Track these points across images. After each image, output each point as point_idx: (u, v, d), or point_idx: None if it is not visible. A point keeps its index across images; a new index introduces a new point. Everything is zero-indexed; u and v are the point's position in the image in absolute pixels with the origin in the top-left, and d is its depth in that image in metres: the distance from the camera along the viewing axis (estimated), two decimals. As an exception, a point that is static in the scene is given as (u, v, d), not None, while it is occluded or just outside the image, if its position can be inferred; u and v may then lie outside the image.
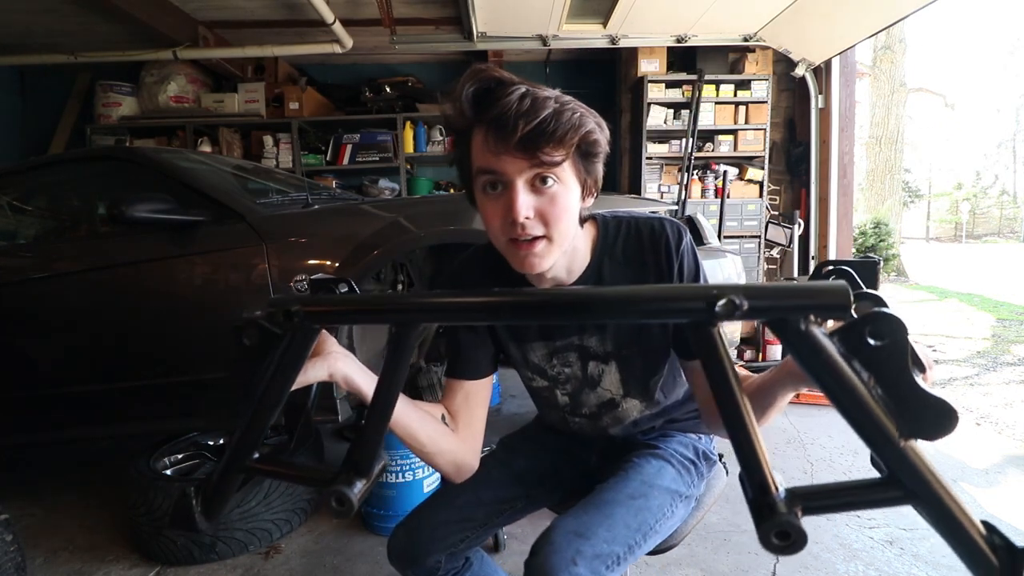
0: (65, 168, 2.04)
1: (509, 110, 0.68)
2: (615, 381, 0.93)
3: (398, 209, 1.71)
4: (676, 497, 0.93)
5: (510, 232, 0.72)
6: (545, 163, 0.69)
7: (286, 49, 3.53)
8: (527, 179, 0.71)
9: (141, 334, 1.74)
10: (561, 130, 0.68)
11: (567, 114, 0.69)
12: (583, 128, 0.71)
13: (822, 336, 0.37)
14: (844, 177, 3.54)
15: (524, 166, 0.70)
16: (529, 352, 0.93)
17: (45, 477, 2.40)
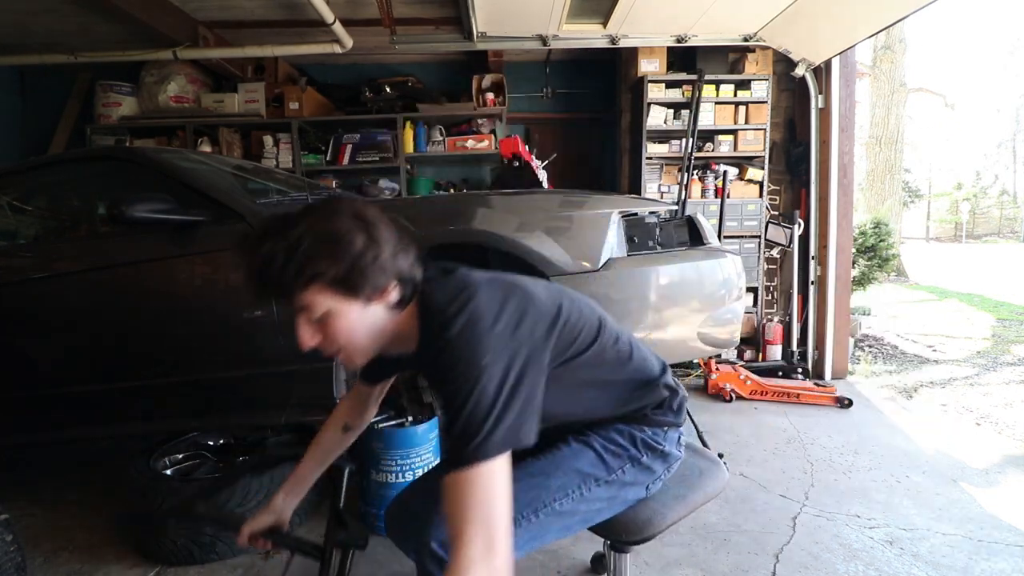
0: (65, 168, 2.04)
1: (250, 271, 0.78)
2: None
3: (398, 209, 1.71)
4: (588, 479, 0.96)
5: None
6: (299, 306, 0.79)
7: (286, 49, 3.52)
8: (301, 316, 0.80)
9: (141, 334, 1.74)
10: (285, 282, 0.76)
11: (290, 267, 0.75)
12: (313, 273, 0.76)
13: None
14: (844, 177, 3.54)
15: (292, 306, 0.80)
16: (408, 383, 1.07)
17: (45, 477, 2.40)
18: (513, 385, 0.74)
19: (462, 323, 0.76)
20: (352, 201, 0.82)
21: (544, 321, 0.84)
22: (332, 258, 0.76)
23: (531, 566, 1.64)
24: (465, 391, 0.72)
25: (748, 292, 3.73)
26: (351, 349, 0.83)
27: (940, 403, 3.18)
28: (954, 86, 43.90)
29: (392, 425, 1.86)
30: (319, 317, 0.79)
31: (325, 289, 0.77)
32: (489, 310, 0.78)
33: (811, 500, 2.02)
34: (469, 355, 0.74)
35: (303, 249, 0.75)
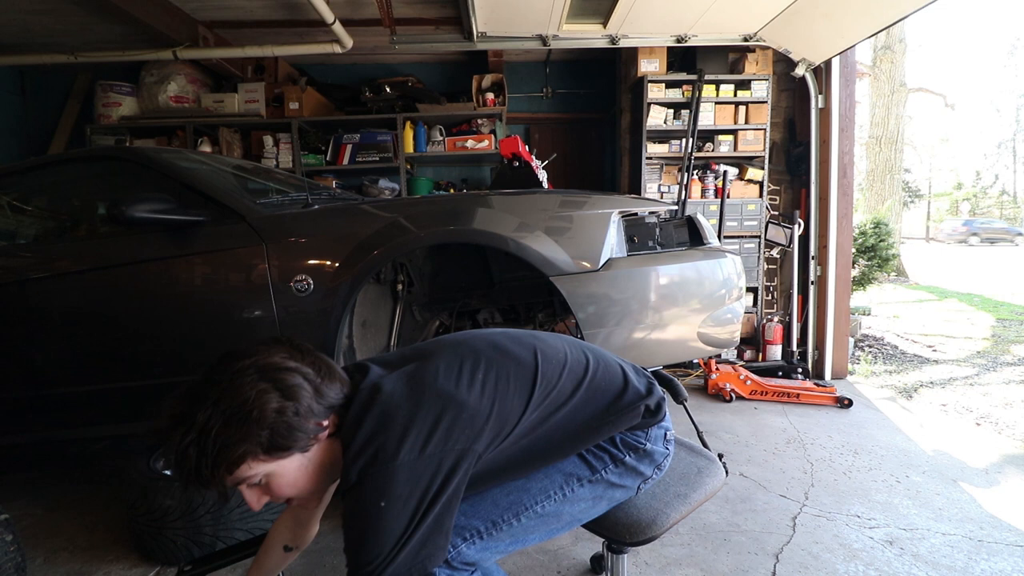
0: (65, 168, 2.03)
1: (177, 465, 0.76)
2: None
3: (398, 209, 1.71)
4: (571, 479, 0.96)
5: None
6: (232, 481, 0.78)
7: (286, 49, 3.53)
8: (238, 489, 0.80)
9: (141, 334, 1.74)
10: (211, 479, 0.75)
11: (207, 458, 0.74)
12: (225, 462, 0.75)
13: None
14: (844, 177, 3.54)
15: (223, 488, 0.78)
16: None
17: (45, 477, 2.40)
18: (416, 520, 0.75)
19: (370, 455, 0.75)
20: (253, 357, 0.78)
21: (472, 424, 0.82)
22: (248, 433, 0.74)
23: (531, 566, 1.64)
24: (366, 530, 0.74)
25: (748, 292, 3.74)
26: (303, 496, 0.83)
27: (940, 403, 3.18)
28: (954, 86, 43.90)
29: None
30: (260, 482, 0.79)
31: (255, 461, 0.76)
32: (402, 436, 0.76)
33: (811, 500, 2.02)
34: (374, 490, 0.74)
35: (214, 436, 0.73)
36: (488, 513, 0.87)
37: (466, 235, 1.61)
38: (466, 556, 0.84)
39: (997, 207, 29.41)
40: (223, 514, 1.67)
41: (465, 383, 0.84)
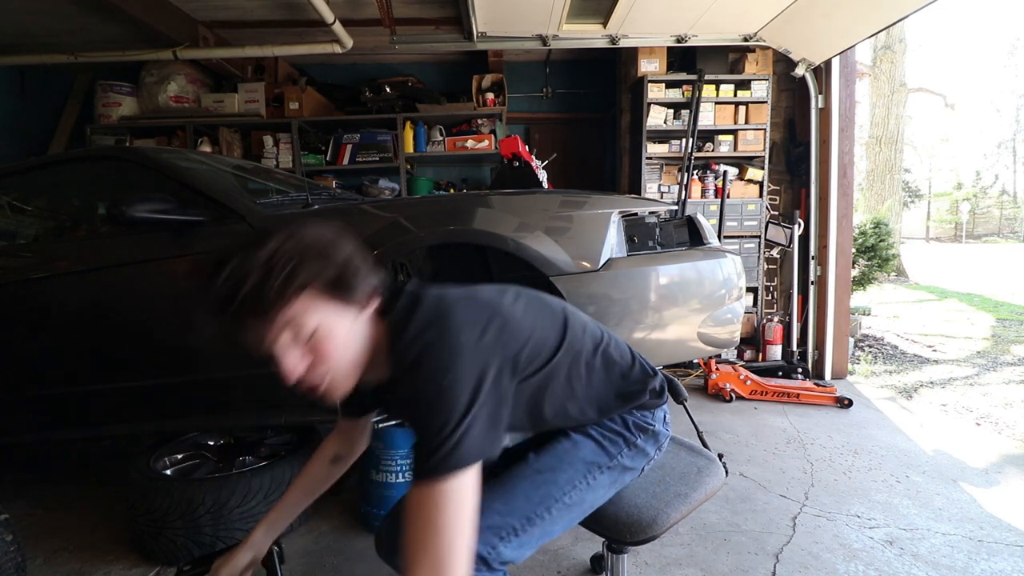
0: (65, 168, 2.03)
1: (220, 295, 0.67)
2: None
3: (398, 209, 1.71)
4: (592, 468, 0.97)
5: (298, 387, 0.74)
6: (285, 321, 0.69)
7: (286, 49, 3.52)
8: (281, 341, 0.71)
9: (141, 334, 1.74)
10: (271, 294, 0.67)
11: (275, 275, 0.67)
12: (300, 275, 0.68)
13: None
14: (844, 177, 3.54)
15: (271, 331, 0.70)
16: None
17: (45, 477, 2.40)
18: (481, 400, 0.73)
19: (432, 336, 0.74)
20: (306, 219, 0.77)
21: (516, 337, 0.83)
22: (323, 260, 0.71)
23: (531, 566, 1.64)
24: (434, 404, 0.71)
25: (748, 292, 3.74)
26: (337, 373, 0.76)
27: (940, 403, 3.18)
28: (954, 86, 43.90)
29: (392, 425, 1.86)
30: (308, 334, 0.71)
31: (318, 296, 0.71)
32: (460, 324, 0.76)
33: (811, 500, 2.02)
34: (439, 366, 0.72)
35: (285, 257, 0.68)
36: (522, 509, 0.86)
37: (466, 235, 1.61)
38: (504, 555, 0.83)
39: (997, 207, 29.41)
40: (223, 514, 1.67)
41: (509, 301, 0.87)
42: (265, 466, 1.79)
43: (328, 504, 2.05)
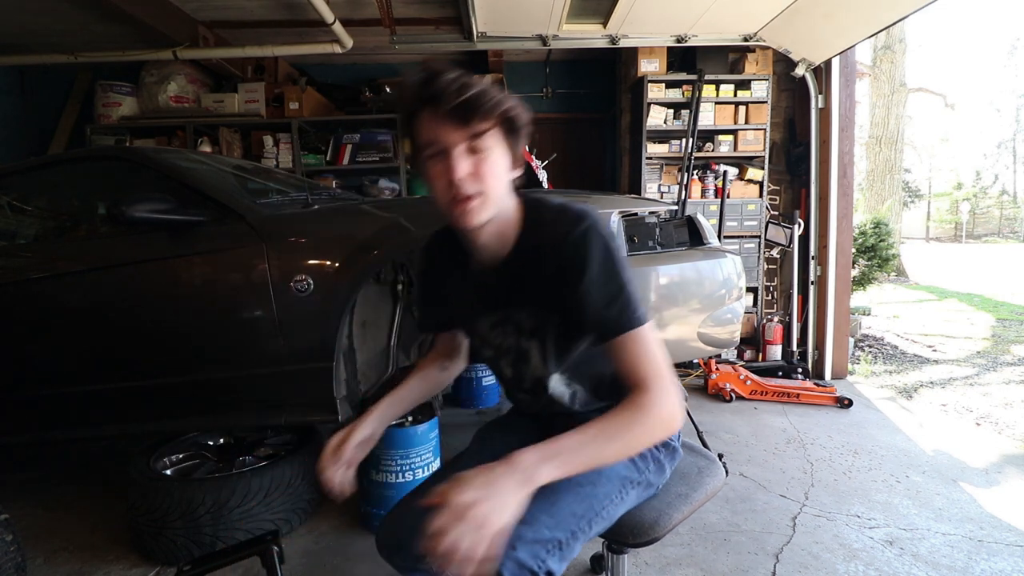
0: (65, 168, 2.03)
1: (446, 87, 0.80)
2: (538, 357, 0.97)
3: (398, 209, 1.71)
4: (627, 483, 0.97)
5: (451, 192, 0.83)
6: (476, 132, 0.81)
7: (286, 49, 3.52)
8: (462, 147, 0.82)
9: (141, 334, 1.74)
10: (486, 104, 0.80)
11: (489, 94, 0.81)
12: (504, 104, 0.83)
13: None
14: (844, 177, 3.54)
15: (459, 136, 0.81)
16: (477, 323, 1.03)
17: (45, 477, 2.40)
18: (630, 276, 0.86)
19: (592, 220, 0.85)
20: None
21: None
22: (520, 110, 0.85)
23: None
24: (618, 273, 0.84)
25: (748, 292, 3.74)
26: (489, 192, 0.84)
27: (940, 403, 3.18)
28: (954, 86, 43.92)
29: (392, 425, 1.86)
30: (481, 150, 0.82)
31: (502, 130, 0.84)
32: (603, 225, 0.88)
33: (811, 500, 2.02)
34: (610, 244, 0.85)
35: (497, 90, 0.83)
36: (567, 524, 0.86)
37: (466, 235, 1.61)
38: (551, 568, 0.83)
39: (997, 207, 29.42)
40: (223, 514, 1.67)
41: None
42: (265, 466, 1.79)
43: (328, 504, 2.06)
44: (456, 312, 1.07)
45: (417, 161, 0.88)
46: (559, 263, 0.85)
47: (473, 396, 3.13)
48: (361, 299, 1.72)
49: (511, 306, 0.96)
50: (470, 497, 0.68)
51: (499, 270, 0.94)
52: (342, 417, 1.69)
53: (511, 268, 0.92)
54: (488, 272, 0.95)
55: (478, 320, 1.01)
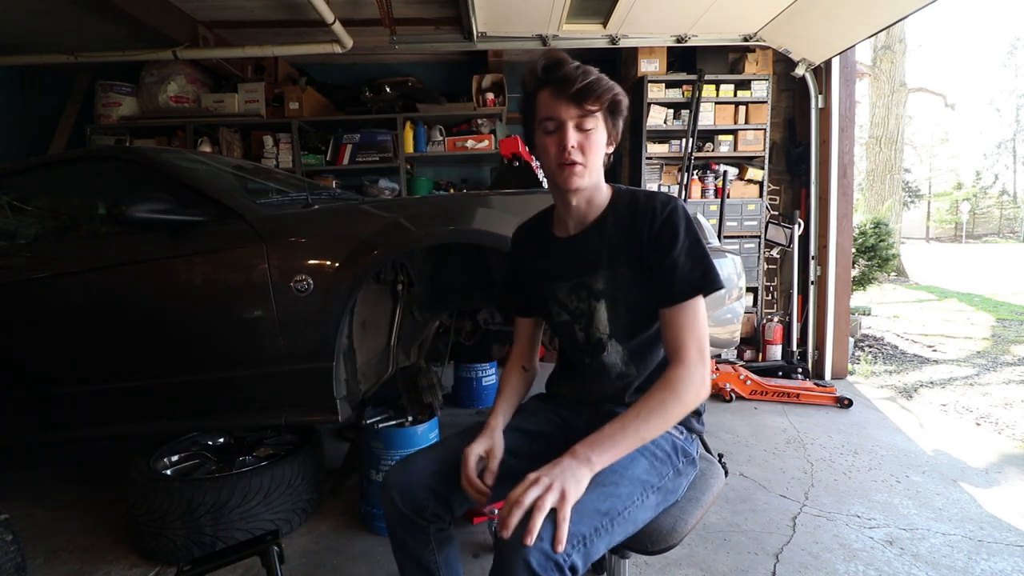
0: (65, 168, 2.03)
1: (570, 74, 0.97)
2: (603, 319, 1.08)
3: (398, 209, 1.71)
4: (647, 487, 0.99)
5: (560, 158, 0.99)
6: (588, 111, 0.99)
7: (286, 49, 3.53)
8: (575, 122, 0.99)
9: (141, 334, 1.74)
10: (600, 89, 0.98)
11: (603, 81, 1.00)
12: (613, 91, 1.01)
13: None
14: (844, 177, 3.54)
15: (574, 113, 0.98)
16: (556, 289, 1.13)
17: (45, 477, 2.40)
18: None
19: (681, 202, 1.04)
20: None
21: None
22: (621, 92, 1.03)
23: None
24: (696, 249, 0.99)
25: (748, 292, 3.74)
26: (591, 163, 1.02)
27: (940, 403, 3.18)
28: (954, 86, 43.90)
29: (392, 425, 1.86)
30: (590, 127, 0.99)
31: (606, 108, 1.00)
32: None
33: (811, 500, 2.02)
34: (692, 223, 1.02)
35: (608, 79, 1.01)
36: (591, 520, 0.88)
37: (466, 235, 1.61)
38: (575, 562, 0.85)
39: (997, 207, 29.43)
40: (223, 514, 1.67)
41: None
42: (265, 466, 1.79)
43: (328, 504, 2.06)
44: (538, 287, 1.17)
45: (530, 131, 1.05)
46: (653, 230, 1.00)
47: (473, 396, 3.14)
48: (361, 299, 1.72)
49: (586, 272, 1.08)
50: (548, 479, 0.83)
51: (582, 236, 1.09)
52: (342, 417, 1.68)
53: (594, 234, 1.07)
54: (570, 240, 1.10)
55: (557, 286, 1.13)
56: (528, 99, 1.04)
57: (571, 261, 1.10)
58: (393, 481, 1.02)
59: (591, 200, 1.08)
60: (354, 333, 1.74)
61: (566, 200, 1.07)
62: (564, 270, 1.11)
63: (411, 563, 1.04)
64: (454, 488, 1.01)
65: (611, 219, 1.07)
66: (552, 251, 1.13)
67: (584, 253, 1.08)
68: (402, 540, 1.03)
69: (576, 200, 1.06)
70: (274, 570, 1.30)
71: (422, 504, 1.00)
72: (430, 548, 1.03)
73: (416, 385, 1.94)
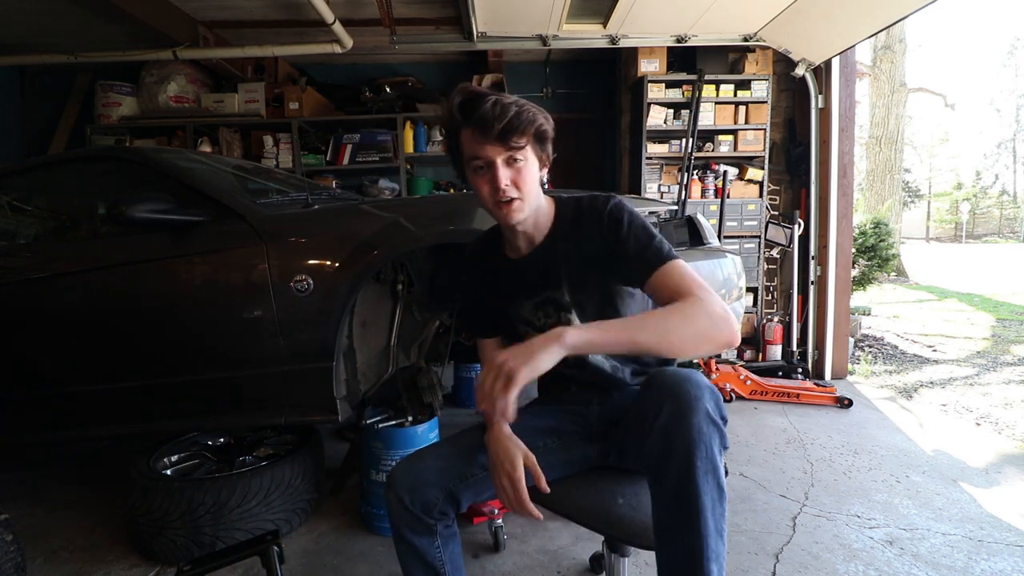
0: (65, 168, 2.03)
1: (487, 115, 0.95)
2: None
3: (398, 209, 1.71)
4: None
5: (496, 197, 1.00)
6: (514, 147, 0.98)
7: (286, 49, 3.52)
8: (503, 159, 0.99)
9: (141, 334, 1.74)
10: (522, 124, 0.97)
11: (524, 114, 0.98)
12: (536, 122, 1.00)
13: None
14: (844, 177, 3.54)
15: (500, 151, 0.98)
16: (520, 308, 1.14)
17: (45, 477, 2.40)
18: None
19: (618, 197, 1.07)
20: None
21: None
22: (544, 118, 1.03)
23: (531, 566, 1.65)
24: (647, 228, 1.01)
25: (748, 292, 3.74)
26: (527, 194, 1.01)
27: (940, 403, 3.18)
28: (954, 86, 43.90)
29: (392, 425, 1.86)
30: (519, 161, 0.99)
31: (532, 138, 1.00)
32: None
33: (811, 500, 2.02)
34: (635, 210, 1.04)
35: (529, 106, 1.00)
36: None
37: (466, 235, 1.61)
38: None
39: (997, 207, 29.43)
40: (223, 514, 1.67)
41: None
42: (265, 466, 1.79)
43: (328, 504, 2.06)
44: (499, 309, 1.17)
45: (461, 167, 1.05)
46: (602, 227, 1.02)
47: (473, 396, 3.14)
48: (361, 299, 1.72)
49: (548, 287, 1.09)
50: (502, 360, 0.86)
51: (536, 255, 1.10)
52: (342, 417, 1.69)
53: (548, 250, 1.08)
54: (525, 261, 1.11)
55: (520, 306, 1.14)
56: (451, 137, 1.03)
57: (530, 280, 1.11)
58: (400, 480, 1.02)
59: (536, 222, 1.09)
60: (354, 333, 1.74)
61: (512, 229, 1.08)
62: (525, 289, 1.12)
63: (415, 561, 1.03)
64: (462, 485, 1.03)
65: (560, 232, 1.09)
66: (508, 274, 1.14)
67: (543, 270, 1.09)
68: (407, 539, 1.02)
69: (522, 227, 1.07)
70: (274, 570, 1.31)
71: (431, 502, 1.01)
72: (436, 546, 1.04)
73: (416, 385, 1.94)
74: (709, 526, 0.78)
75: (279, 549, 1.33)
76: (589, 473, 1.15)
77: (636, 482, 1.08)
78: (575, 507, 1.06)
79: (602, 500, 1.06)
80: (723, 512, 0.80)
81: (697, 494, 0.78)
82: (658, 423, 0.82)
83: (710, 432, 0.80)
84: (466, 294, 1.24)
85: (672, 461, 0.80)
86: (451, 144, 1.04)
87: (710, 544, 0.78)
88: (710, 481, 0.79)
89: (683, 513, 0.79)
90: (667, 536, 0.82)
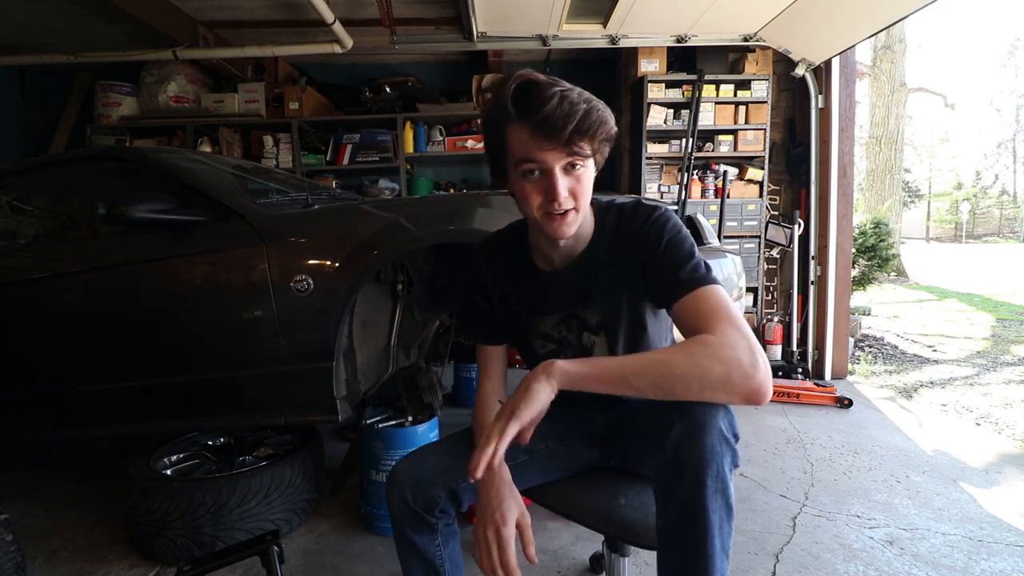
0: (65, 168, 2.03)
1: (552, 115, 0.79)
2: (604, 353, 1.02)
3: (398, 209, 1.70)
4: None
5: (547, 208, 0.86)
6: (578, 153, 0.83)
7: (286, 49, 3.53)
8: (562, 166, 0.84)
9: (141, 334, 1.74)
10: (592, 129, 0.82)
11: (594, 113, 0.82)
12: (607, 124, 0.85)
13: None
14: (844, 177, 3.54)
15: (562, 157, 0.83)
16: (540, 323, 1.06)
17: (45, 477, 2.40)
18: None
19: (665, 208, 0.95)
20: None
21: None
22: (611, 117, 0.86)
23: (531, 565, 1.64)
24: (688, 246, 0.89)
25: (748, 292, 3.74)
26: (583, 205, 0.89)
27: (940, 403, 3.18)
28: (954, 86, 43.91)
29: (392, 425, 1.86)
30: (579, 167, 0.85)
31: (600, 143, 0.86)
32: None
33: (811, 500, 2.02)
34: (681, 225, 0.93)
35: (599, 105, 0.84)
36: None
37: (466, 235, 1.61)
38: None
39: (997, 207, 29.44)
40: (223, 514, 1.67)
41: None
42: (265, 466, 1.79)
43: (328, 504, 2.06)
44: (514, 318, 1.08)
45: (503, 165, 0.89)
46: (640, 238, 0.92)
47: (473, 396, 3.13)
48: (361, 299, 1.72)
49: (578, 304, 1.00)
50: (512, 402, 0.78)
51: (571, 270, 0.99)
52: (342, 417, 1.68)
53: (585, 266, 0.98)
54: (558, 274, 1.01)
55: (542, 320, 1.05)
56: (496, 129, 0.86)
57: (560, 295, 1.01)
58: (403, 478, 1.01)
59: (578, 233, 0.95)
60: (354, 333, 1.74)
61: (553, 243, 0.96)
62: (552, 304, 1.03)
63: (416, 560, 1.03)
64: (464, 484, 1.01)
65: (600, 244, 0.98)
66: (535, 285, 1.03)
67: (577, 288, 1.00)
68: (408, 537, 1.01)
69: (565, 241, 0.94)
70: (274, 570, 1.31)
71: (433, 500, 0.99)
72: (436, 544, 1.03)
73: (416, 385, 1.94)
74: (715, 546, 0.76)
75: (279, 549, 1.33)
76: (590, 473, 1.15)
77: (638, 483, 1.08)
78: (576, 507, 1.06)
79: (604, 500, 1.06)
80: (730, 531, 0.78)
81: (705, 513, 0.76)
82: (670, 440, 0.78)
83: (722, 451, 0.77)
84: (473, 296, 1.14)
85: (682, 478, 0.77)
86: (494, 137, 0.87)
87: (715, 563, 0.76)
88: (719, 500, 0.76)
89: (690, 530, 0.77)
90: (671, 550, 0.81)
